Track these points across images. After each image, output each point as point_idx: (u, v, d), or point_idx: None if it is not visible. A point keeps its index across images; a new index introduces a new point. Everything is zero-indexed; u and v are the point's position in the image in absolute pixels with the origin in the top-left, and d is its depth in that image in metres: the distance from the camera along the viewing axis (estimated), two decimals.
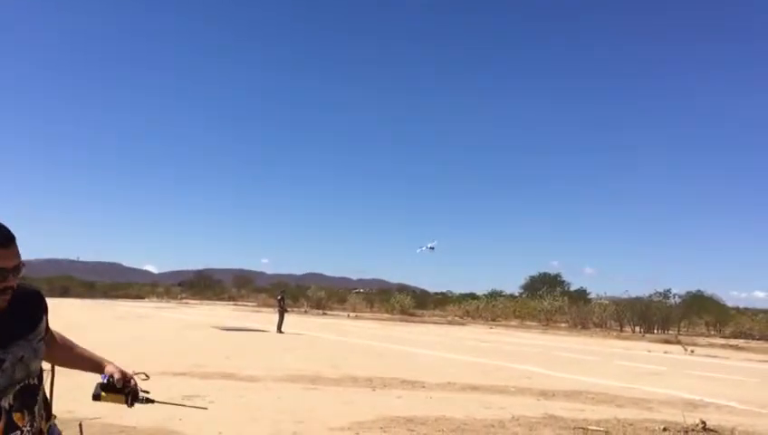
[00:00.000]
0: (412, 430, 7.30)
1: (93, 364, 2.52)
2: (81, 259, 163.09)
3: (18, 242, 2.09)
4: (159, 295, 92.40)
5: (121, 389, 2.46)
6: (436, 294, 79.76)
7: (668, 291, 44.00)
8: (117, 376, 2.42)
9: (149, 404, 2.58)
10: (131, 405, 2.52)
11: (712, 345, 29.25)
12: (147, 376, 2.62)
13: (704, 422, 7.94)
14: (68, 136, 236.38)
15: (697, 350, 25.17)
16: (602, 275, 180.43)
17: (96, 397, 2.47)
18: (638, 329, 40.57)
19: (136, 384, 2.49)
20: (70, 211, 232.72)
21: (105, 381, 2.44)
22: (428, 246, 54.01)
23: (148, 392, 2.53)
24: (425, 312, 60.47)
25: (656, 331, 39.79)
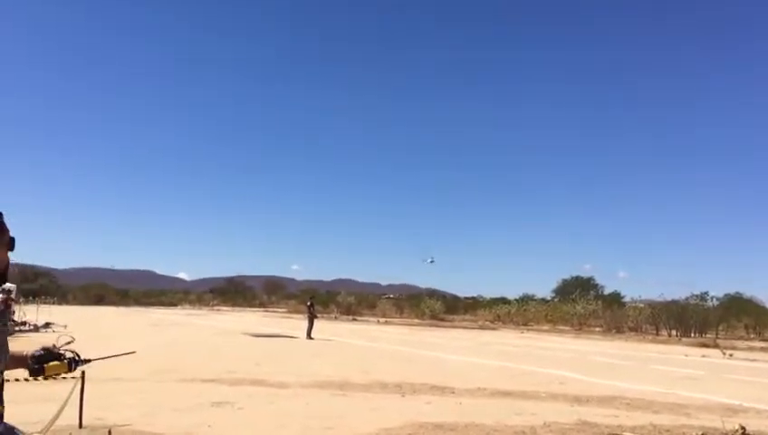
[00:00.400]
0: None
1: (20, 359, 2.54)
2: (115, 267, 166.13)
3: (55, 251, 2.10)
4: (192, 303, 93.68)
5: (59, 356, 2.56)
6: (467, 298, 79.31)
7: (705, 293, 43.06)
8: (48, 347, 2.51)
9: (87, 364, 2.80)
10: (73, 369, 2.63)
11: (751, 349, 28.46)
12: (72, 338, 2.77)
13: (743, 428, 7.66)
14: (103, 148, 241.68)
15: (736, 353, 24.50)
16: (636, 279, 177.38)
17: (36, 371, 2.53)
18: (674, 333, 39.72)
19: (72, 351, 2.63)
20: (105, 221, 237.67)
21: (40, 352, 2.52)
22: (429, 260, 56.88)
23: (80, 354, 2.70)
24: (455, 317, 60.12)
25: (693, 334, 38.90)
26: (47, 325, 26.86)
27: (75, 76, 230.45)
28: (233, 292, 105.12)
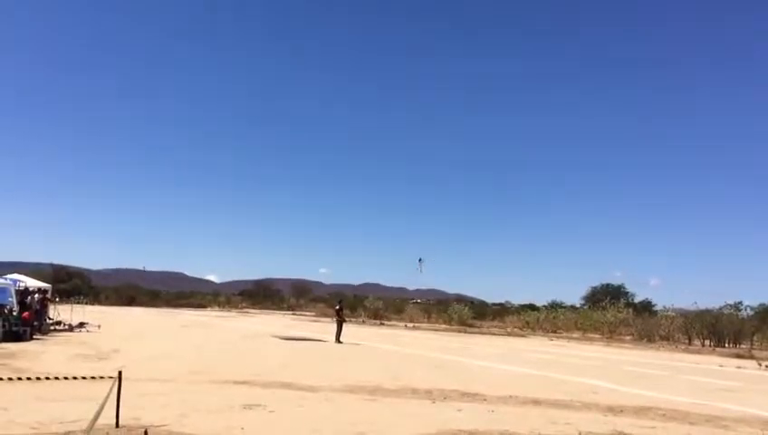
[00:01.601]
0: None
1: None
2: (146, 269, 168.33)
3: (89, 252, 2.08)
4: (221, 305, 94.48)
5: None
6: (495, 305, 78.80)
7: (740, 303, 42.12)
8: None
9: None
10: None
11: None
12: None
13: None
14: (136, 152, 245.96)
15: None
16: (668, 287, 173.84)
17: None
18: (707, 343, 38.91)
19: None
20: (137, 223, 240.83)
21: None
22: (418, 260, 57.31)
23: None
24: (483, 323, 59.73)
25: (726, 345, 38.06)
26: (81, 325, 27.32)
27: (104, 73, 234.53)
28: (261, 295, 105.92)
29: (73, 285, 75.09)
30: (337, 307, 28.59)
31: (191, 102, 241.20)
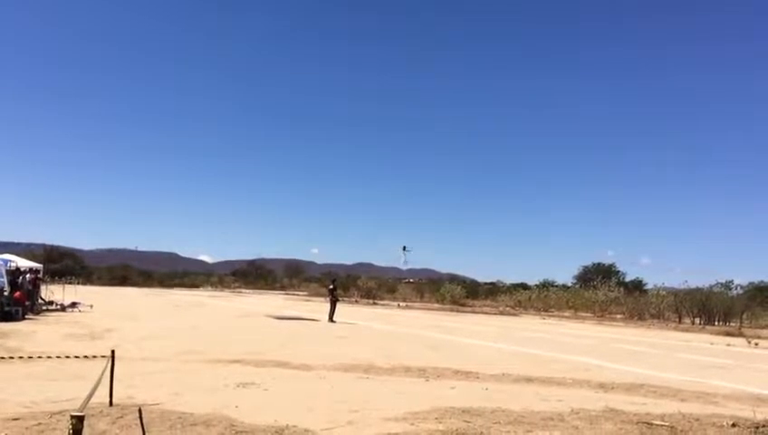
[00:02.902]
0: (468, 422, 7.16)
1: None
2: (139, 249, 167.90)
3: (81, 232, 2.01)
4: (213, 285, 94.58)
5: None
6: (487, 284, 79.15)
7: (730, 282, 42.60)
8: None
9: None
10: None
11: None
12: None
13: None
14: (128, 133, 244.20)
15: (762, 343, 24.14)
16: (659, 266, 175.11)
17: None
18: (697, 321, 39.31)
19: None
20: (129, 203, 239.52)
21: None
22: (403, 249, 58.90)
23: None
24: (475, 302, 60.06)
25: (717, 323, 38.47)
26: (74, 305, 27.26)
27: (97, 56, 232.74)
28: (254, 275, 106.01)
29: (65, 265, 74.88)
30: (330, 287, 28.60)
31: (183, 84, 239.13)
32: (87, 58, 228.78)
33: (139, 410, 5.33)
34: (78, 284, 48.34)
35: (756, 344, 23.33)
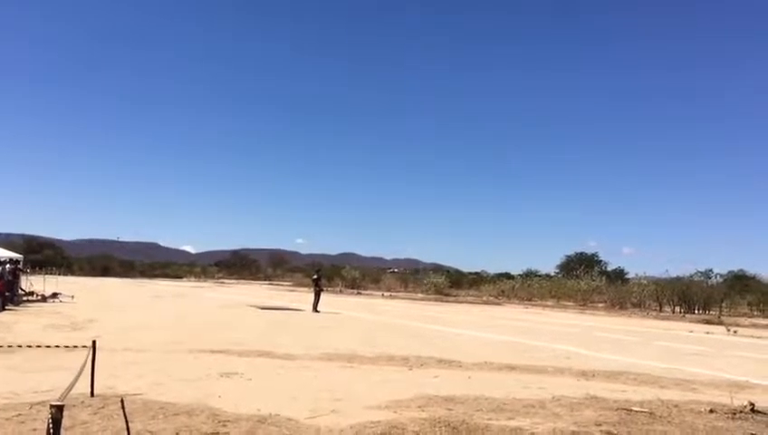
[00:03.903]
0: (451, 410, 7.21)
1: None
2: (120, 239, 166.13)
3: (61, 222, 1.98)
4: (197, 275, 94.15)
5: None
6: (471, 274, 79.43)
7: (710, 271, 43.16)
8: None
9: None
10: None
11: (755, 326, 28.50)
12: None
13: (752, 404, 7.66)
14: (107, 121, 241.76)
15: (740, 330, 24.55)
16: (641, 255, 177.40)
17: None
18: (678, 309, 39.82)
19: None
20: (111, 193, 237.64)
21: None
22: None
23: None
24: (459, 292, 60.32)
25: (696, 311, 39.00)
26: (54, 295, 27.03)
27: (85, 34, 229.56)
28: (238, 265, 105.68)
29: (46, 255, 74.15)
30: (315, 277, 28.58)
31: (162, 72, 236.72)
32: (63, 45, 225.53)
33: (121, 401, 5.30)
34: (59, 274, 47.93)
35: (735, 332, 23.70)
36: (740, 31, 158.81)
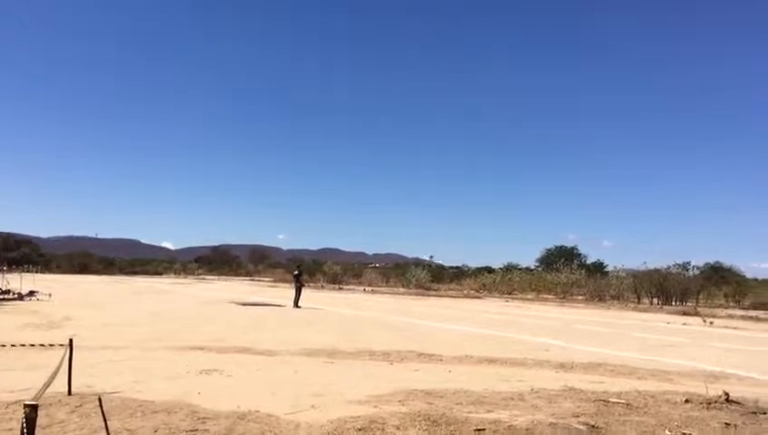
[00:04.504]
0: (431, 403, 7.25)
1: None
2: (99, 236, 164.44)
3: (38, 219, 1.96)
4: (177, 272, 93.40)
5: None
6: (452, 268, 79.81)
7: (687, 263, 43.71)
8: None
9: None
10: None
11: (731, 317, 28.94)
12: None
13: (727, 394, 7.81)
14: (85, 115, 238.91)
15: (717, 321, 24.92)
16: (620, 248, 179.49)
17: None
18: (655, 301, 40.33)
19: None
20: (89, 189, 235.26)
21: None
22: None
23: None
24: (441, 286, 60.50)
25: (674, 303, 39.52)
26: (31, 293, 26.67)
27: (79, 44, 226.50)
28: (218, 261, 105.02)
29: (22, 253, 73.13)
30: (296, 272, 28.51)
31: (144, 70, 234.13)
32: (63, 45, 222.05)
33: (99, 399, 5.25)
34: (36, 272, 47.30)
35: (711, 323, 24.05)
36: (710, 26, 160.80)
